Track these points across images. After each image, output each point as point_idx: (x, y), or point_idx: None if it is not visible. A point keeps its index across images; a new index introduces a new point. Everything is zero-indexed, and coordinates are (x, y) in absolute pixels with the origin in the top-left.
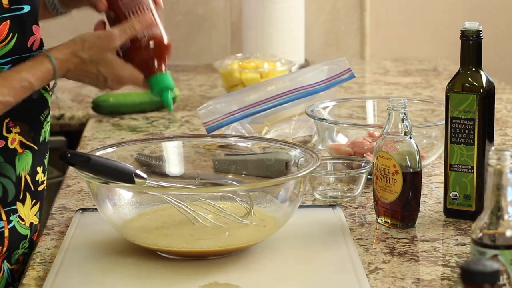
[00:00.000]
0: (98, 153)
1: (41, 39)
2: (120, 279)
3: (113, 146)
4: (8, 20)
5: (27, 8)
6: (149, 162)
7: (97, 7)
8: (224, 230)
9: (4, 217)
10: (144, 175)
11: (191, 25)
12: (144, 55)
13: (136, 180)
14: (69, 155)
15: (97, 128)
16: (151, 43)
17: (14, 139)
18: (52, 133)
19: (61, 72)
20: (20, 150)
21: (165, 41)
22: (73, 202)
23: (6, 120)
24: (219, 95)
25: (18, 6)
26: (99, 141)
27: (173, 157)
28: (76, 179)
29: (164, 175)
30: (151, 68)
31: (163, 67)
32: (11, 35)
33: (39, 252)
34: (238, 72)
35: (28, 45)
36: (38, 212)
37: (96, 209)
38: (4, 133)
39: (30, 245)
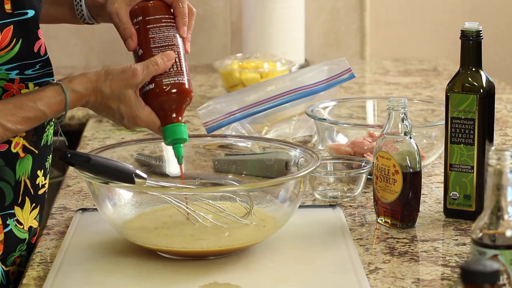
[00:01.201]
0: (98, 153)
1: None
2: (120, 279)
3: (113, 146)
4: (12, 26)
5: (31, 13)
6: (149, 162)
7: (126, 44)
8: (224, 230)
9: (0, 221)
10: (144, 175)
11: None
12: (163, 101)
13: (136, 180)
14: (69, 155)
15: (97, 128)
16: (173, 90)
17: (18, 143)
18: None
19: (79, 104)
20: (22, 155)
21: (188, 91)
22: (73, 202)
23: None
24: (219, 95)
25: (21, 11)
26: (99, 141)
27: (173, 157)
28: (76, 179)
29: (164, 175)
30: (168, 116)
31: (181, 117)
32: (15, 40)
33: (39, 252)
34: (238, 72)
35: (35, 50)
36: (38, 216)
37: (96, 209)
38: None
39: (28, 248)
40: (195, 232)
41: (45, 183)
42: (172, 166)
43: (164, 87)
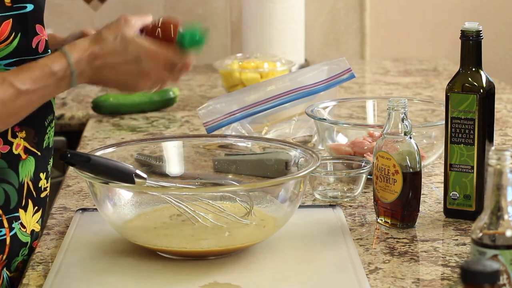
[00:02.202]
0: (98, 153)
1: (46, 41)
2: (120, 279)
3: (113, 146)
4: (11, 19)
5: (30, 7)
6: (149, 162)
7: None
8: (224, 230)
9: (6, 225)
10: (144, 175)
11: None
12: (163, 25)
13: (136, 180)
14: (69, 155)
15: (97, 128)
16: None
17: (19, 144)
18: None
19: (84, 55)
20: (23, 156)
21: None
22: (73, 202)
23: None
24: (219, 95)
25: (20, 5)
26: (99, 141)
27: (173, 157)
28: (76, 179)
29: (164, 175)
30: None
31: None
32: (13, 34)
33: (39, 252)
34: (238, 72)
35: (33, 46)
36: (40, 219)
37: (96, 209)
38: (10, 138)
39: (29, 252)
40: (195, 232)
41: (47, 186)
42: (172, 166)
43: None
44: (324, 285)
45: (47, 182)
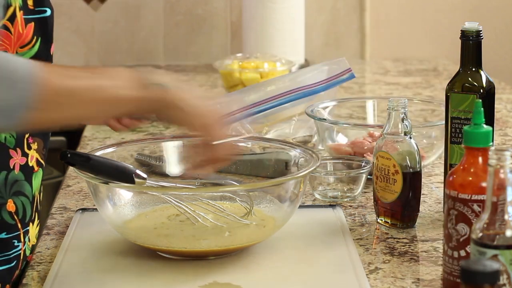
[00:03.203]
0: (98, 153)
1: None
2: (120, 279)
3: (113, 146)
4: (33, 22)
5: (49, 11)
6: (149, 162)
7: None
8: (224, 230)
9: (22, 239)
10: (144, 175)
11: (191, 25)
12: None
13: (136, 180)
14: (69, 155)
15: (97, 128)
16: None
17: (32, 156)
18: (52, 133)
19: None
20: (36, 168)
21: None
22: (73, 202)
23: (26, 136)
24: (219, 95)
25: (41, 9)
26: (99, 141)
27: (173, 157)
28: (76, 179)
29: (164, 175)
30: None
31: None
32: (35, 38)
33: (39, 252)
34: (238, 72)
35: (51, 53)
36: (38, 233)
37: (96, 209)
38: (26, 150)
39: (25, 266)
40: (195, 232)
41: (41, 199)
42: (172, 166)
43: None
44: (324, 285)
45: (41, 195)
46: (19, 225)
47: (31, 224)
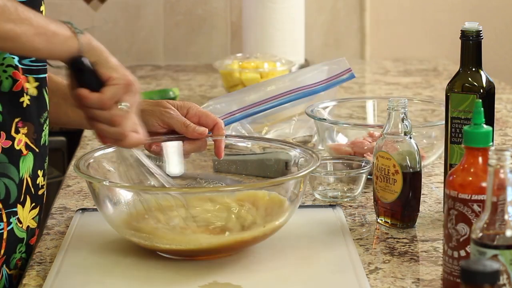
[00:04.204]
0: (98, 153)
1: None
2: (120, 279)
3: (113, 146)
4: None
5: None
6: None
7: None
8: (224, 229)
9: (4, 219)
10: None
11: (191, 25)
12: None
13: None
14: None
15: None
16: None
17: (20, 140)
18: (52, 133)
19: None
20: (24, 152)
21: None
22: (73, 202)
23: (17, 120)
24: (219, 95)
25: None
26: (99, 141)
27: (173, 157)
28: (76, 179)
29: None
30: None
31: None
32: None
33: (39, 252)
34: (238, 72)
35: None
36: (37, 217)
37: (96, 209)
38: (13, 133)
39: (27, 250)
40: (195, 231)
41: (44, 184)
42: (172, 166)
43: None
44: (324, 285)
45: (44, 180)
46: (0, 205)
47: (19, 205)
